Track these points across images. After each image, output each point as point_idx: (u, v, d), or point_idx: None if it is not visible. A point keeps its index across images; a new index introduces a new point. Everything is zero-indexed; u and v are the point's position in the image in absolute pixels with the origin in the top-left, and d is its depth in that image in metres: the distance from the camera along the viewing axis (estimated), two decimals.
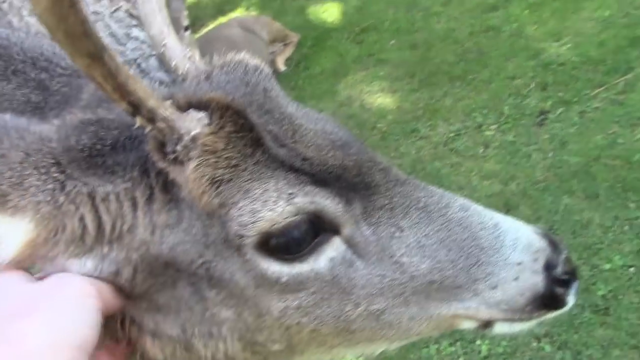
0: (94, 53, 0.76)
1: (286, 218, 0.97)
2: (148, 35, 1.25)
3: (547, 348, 3.52)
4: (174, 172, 0.94)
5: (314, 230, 1.01)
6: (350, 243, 1.05)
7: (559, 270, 1.14)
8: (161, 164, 0.94)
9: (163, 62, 1.22)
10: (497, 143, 5.14)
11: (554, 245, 1.16)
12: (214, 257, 0.98)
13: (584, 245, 4.01)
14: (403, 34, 7.04)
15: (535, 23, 6.37)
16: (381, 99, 6.16)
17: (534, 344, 3.55)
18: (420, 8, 7.36)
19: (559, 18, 6.29)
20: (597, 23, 5.97)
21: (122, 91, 0.83)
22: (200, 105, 0.96)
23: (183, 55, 1.20)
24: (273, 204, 0.96)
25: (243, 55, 1.15)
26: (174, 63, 1.19)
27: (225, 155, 0.94)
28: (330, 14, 7.95)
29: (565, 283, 1.14)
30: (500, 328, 1.17)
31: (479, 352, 3.61)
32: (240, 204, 0.95)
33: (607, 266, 3.84)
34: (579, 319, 3.59)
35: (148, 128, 0.90)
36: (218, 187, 0.94)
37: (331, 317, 1.06)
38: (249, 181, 0.96)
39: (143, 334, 1.04)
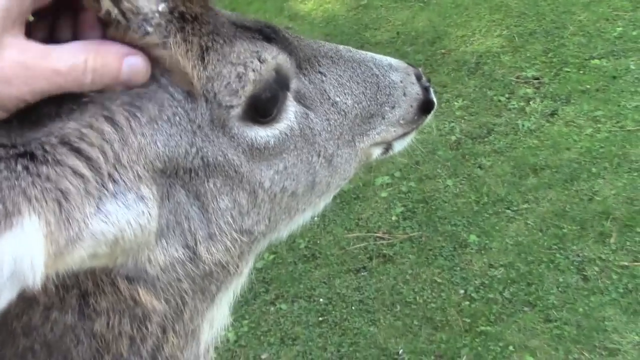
0: None
1: (263, 76, 0.98)
2: None
3: (284, 306, 4.05)
4: (153, 53, 0.85)
5: (277, 88, 1.04)
6: (297, 96, 1.11)
7: (424, 78, 1.40)
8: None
9: None
10: None
11: (409, 63, 1.41)
12: (203, 142, 0.94)
13: None
14: None
15: None
16: None
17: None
18: None
19: None
20: None
21: None
22: None
23: None
24: (251, 64, 0.96)
25: None
26: None
27: (204, 20, 0.91)
28: None
29: (427, 89, 1.40)
30: (397, 146, 1.39)
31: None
32: (224, 72, 0.94)
33: None
34: (297, 271, 4.28)
35: (114, 12, 0.79)
36: (205, 56, 0.91)
37: (304, 173, 1.12)
38: (224, 45, 0.94)
39: (137, 284, 0.93)
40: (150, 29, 0.84)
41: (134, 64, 0.82)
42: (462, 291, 3.81)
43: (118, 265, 0.89)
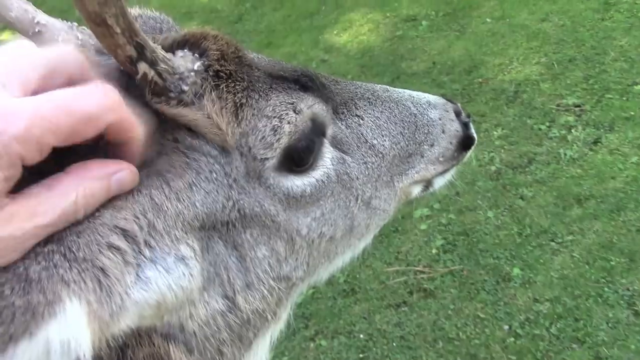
0: None
1: (298, 127, 0.99)
2: (9, 20, 0.98)
3: (323, 342, 3.97)
4: (187, 115, 0.86)
5: (313, 137, 1.04)
6: (334, 142, 1.12)
7: (463, 114, 1.39)
8: (172, 111, 0.85)
9: (44, 43, 0.94)
10: None
11: (448, 99, 1.41)
12: (239, 195, 0.95)
13: None
14: None
15: None
16: None
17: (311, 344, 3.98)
18: None
19: None
20: None
21: (131, 31, 0.75)
22: (177, 46, 0.91)
23: (66, 27, 0.95)
24: (287, 116, 0.97)
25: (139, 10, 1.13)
26: (60, 38, 0.95)
27: (239, 77, 0.93)
28: None
29: (467, 125, 1.39)
30: (438, 183, 1.38)
31: None
32: (259, 126, 0.94)
33: None
34: (336, 306, 4.16)
35: (151, 74, 0.81)
36: (239, 113, 0.91)
37: (341, 218, 1.11)
38: (259, 100, 0.95)
39: (171, 342, 0.93)
40: (185, 88, 0.86)
41: (121, 179, 0.78)
42: (506, 327, 3.70)
43: (165, 323, 0.89)
